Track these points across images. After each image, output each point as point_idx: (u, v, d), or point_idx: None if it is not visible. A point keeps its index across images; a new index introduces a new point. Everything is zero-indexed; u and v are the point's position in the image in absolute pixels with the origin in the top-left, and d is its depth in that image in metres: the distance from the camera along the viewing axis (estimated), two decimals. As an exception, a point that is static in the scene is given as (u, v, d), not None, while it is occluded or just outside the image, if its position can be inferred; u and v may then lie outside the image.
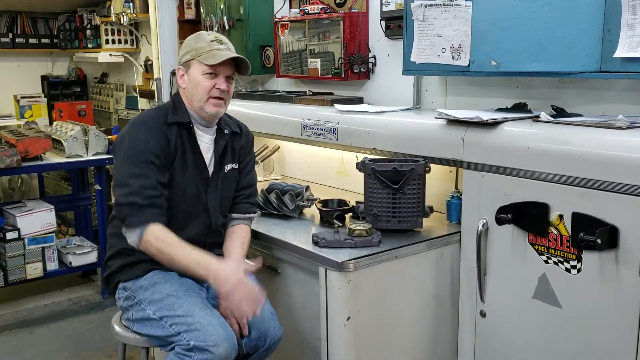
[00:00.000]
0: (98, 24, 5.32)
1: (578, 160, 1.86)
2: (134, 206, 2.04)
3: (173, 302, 2.06)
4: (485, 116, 2.17)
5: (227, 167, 2.31)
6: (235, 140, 2.35)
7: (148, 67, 5.08)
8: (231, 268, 2.07)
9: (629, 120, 1.92)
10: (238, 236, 2.29)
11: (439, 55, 2.44)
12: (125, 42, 5.35)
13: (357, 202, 2.47)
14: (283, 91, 3.50)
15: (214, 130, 2.28)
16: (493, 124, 2.12)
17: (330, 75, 3.12)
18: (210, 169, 2.26)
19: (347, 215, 2.53)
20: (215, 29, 3.73)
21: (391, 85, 2.97)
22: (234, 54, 2.18)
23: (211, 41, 2.17)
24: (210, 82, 2.16)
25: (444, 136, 2.27)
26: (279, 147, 3.37)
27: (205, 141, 2.25)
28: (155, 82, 4.07)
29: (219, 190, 2.28)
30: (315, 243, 2.20)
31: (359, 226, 2.21)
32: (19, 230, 3.76)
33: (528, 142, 2.00)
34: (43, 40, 6.05)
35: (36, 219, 3.84)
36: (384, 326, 2.20)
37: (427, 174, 2.29)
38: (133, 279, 2.18)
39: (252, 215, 2.39)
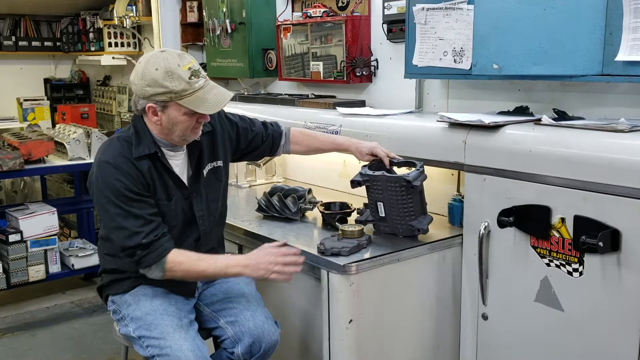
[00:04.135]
0: (101, 27, 5.34)
1: (580, 164, 1.86)
2: (141, 247, 1.98)
3: (150, 322, 2.04)
4: (487, 119, 2.17)
5: (206, 170, 2.19)
6: (212, 138, 2.22)
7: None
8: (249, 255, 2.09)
9: (630, 123, 1.92)
10: (311, 134, 2.53)
11: (440, 59, 2.44)
12: (128, 45, 5.36)
13: (365, 205, 2.46)
14: (285, 94, 3.51)
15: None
16: (495, 127, 2.13)
17: (332, 79, 3.13)
18: (190, 182, 2.15)
19: (351, 218, 2.53)
20: (218, 32, 3.74)
21: (393, 88, 2.97)
22: (221, 96, 1.99)
23: (189, 78, 1.93)
24: (194, 118, 2.00)
25: (445, 139, 2.28)
26: (281, 150, 3.37)
27: (178, 158, 2.12)
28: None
29: (204, 196, 2.18)
30: (322, 252, 2.15)
31: (350, 227, 2.23)
32: (21, 232, 3.76)
33: (530, 145, 2.00)
34: (46, 43, 6.07)
35: (39, 222, 3.85)
36: (386, 329, 2.20)
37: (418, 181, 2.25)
38: (121, 293, 2.17)
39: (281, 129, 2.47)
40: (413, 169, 2.28)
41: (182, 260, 2.02)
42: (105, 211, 2.00)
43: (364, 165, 2.36)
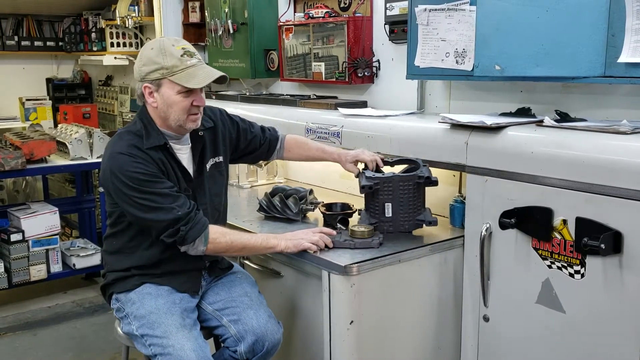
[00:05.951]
0: (103, 27, 5.34)
1: (582, 165, 1.86)
2: (182, 221, 1.99)
3: (154, 320, 2.04)
4: (489, 121, 2.17)
5: (209, 164, 2.23)
6: (213, 134, 2.26)
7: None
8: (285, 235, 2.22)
9: (632, 125, 1.92)
10: (303, 142, 2.57)
11: (442, 60, 2.44)
12: (130, 45, 5.37)
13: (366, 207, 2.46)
14: (287, 95, 3.51)
15: (188, 136, 2.18)
16: (497, 129, 2.12)
17: (334, 79, 3.13)
18: (194, 175, 2.18)
19: (352, 219, 2.53)
20: (220, 33, 3.75)
21: (395, 89, 2.97)
22: (213, 73, 2.05)
23: (181, 56, 2.00)
24: (188, 100, 2.03)
25: (447, 140, 2.28)
26: (283, 151, 3.37)
27: (184, 151, 2.16)
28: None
29: (207, 190, 2.22)
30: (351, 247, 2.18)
31: (361, 228, 2.22)
32: (23, 232, 3.77)
33: (532, 147, 2.00)
34: (48, 43, 6.08)
35: (40, 221, 3.86)
36: (387, 330, 2.20)
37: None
38: (125, 292, 2.16)
39: (278, 134, 2.54)
40: (406, 166, 2.31)
41: (225, 231, 2.12)
42: (131, 200, 2.00)
43: (364, 169, 2.36)
